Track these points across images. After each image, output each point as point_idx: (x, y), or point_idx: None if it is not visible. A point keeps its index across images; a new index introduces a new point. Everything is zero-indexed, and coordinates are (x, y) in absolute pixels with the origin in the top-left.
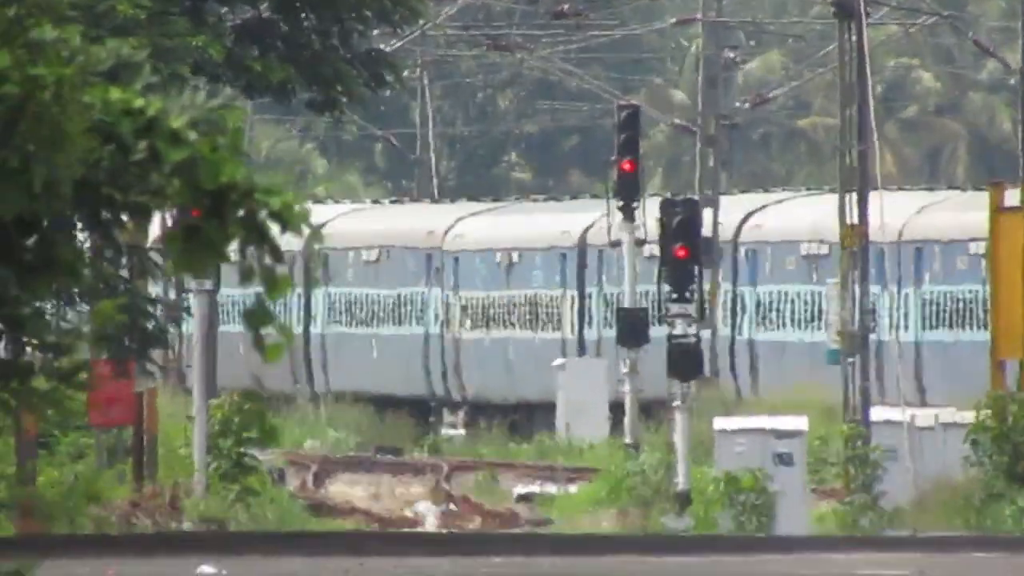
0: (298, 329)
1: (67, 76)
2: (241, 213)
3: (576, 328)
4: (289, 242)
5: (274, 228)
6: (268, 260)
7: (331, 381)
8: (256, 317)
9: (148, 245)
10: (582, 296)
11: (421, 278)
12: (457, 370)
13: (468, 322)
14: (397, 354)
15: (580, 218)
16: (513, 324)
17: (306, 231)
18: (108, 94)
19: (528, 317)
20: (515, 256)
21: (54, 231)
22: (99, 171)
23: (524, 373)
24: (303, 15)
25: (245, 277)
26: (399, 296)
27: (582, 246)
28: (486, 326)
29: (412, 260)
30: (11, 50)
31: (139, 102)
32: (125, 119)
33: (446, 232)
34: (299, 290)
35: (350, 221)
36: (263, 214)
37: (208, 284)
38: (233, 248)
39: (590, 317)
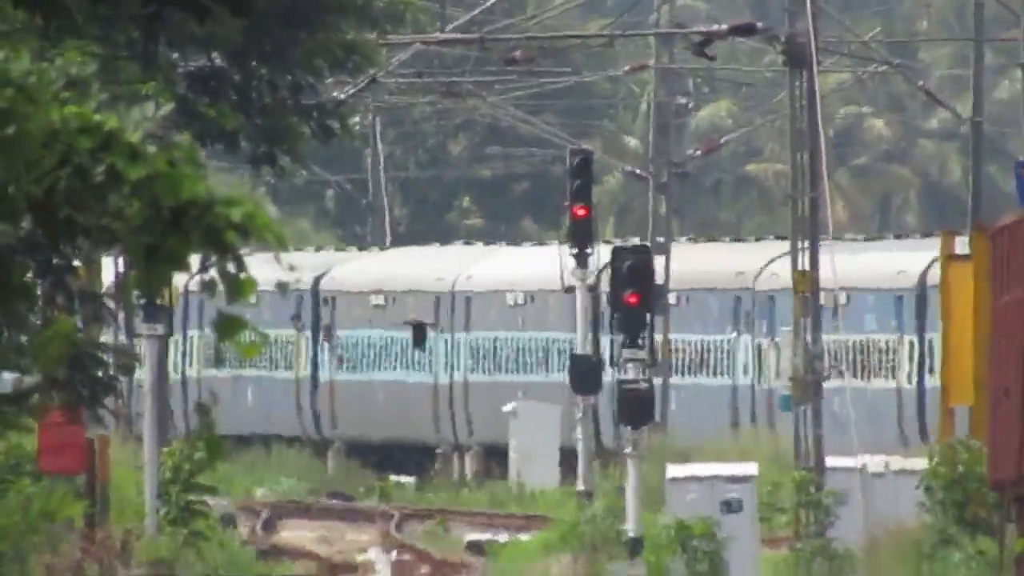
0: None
1: (23, 91)
2: (202, 227)
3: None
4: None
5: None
6: (231, 268)
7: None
8: (226, 326)
9: (101, 291)
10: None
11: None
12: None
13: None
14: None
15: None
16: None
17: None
18: (64, 112)
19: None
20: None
21: (10, 252)
22: (56, 193)
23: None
24: (255, 65)
25: (207, 288)
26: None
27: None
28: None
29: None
30: None
31: (95, 118)
32: (82, 137)
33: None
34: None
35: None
36: (225, 227)
37: (159, 329)
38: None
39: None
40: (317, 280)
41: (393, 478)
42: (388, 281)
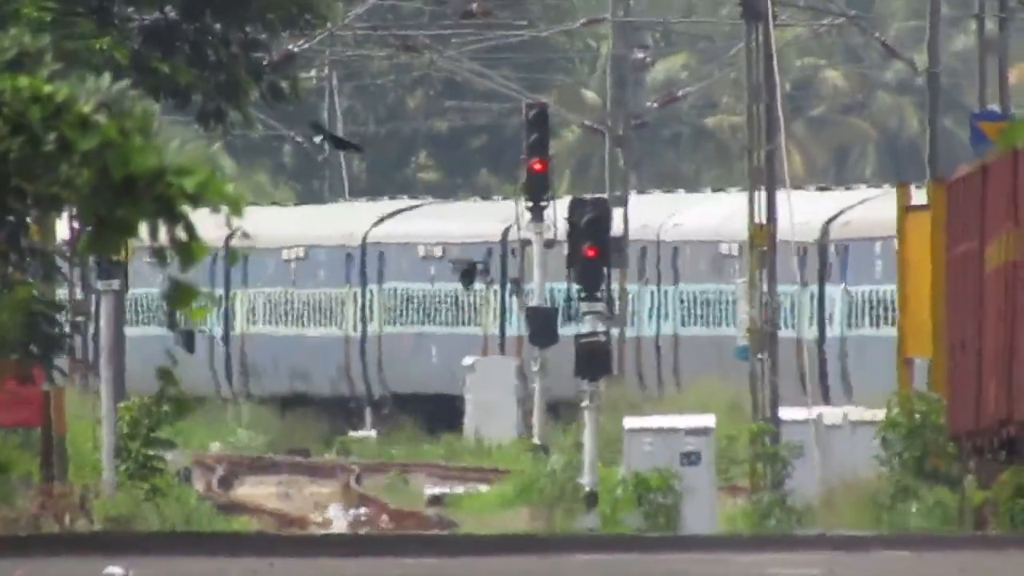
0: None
1: None
2: (153, 196)
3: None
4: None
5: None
6: (182, 235)
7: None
8: (177, 295)
9: (53, 248)
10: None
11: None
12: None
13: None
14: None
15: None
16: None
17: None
18: (16, 82)
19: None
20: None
21: None
22: (7, 163)
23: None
24: (208, 20)
25: (158, 256)
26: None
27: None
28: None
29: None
30: None
31: (47, 88)
32: (34, 106)
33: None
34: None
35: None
36: (177, 195)
37: (115, 284)
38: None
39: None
40: (506, 232)
41: (353, 433)
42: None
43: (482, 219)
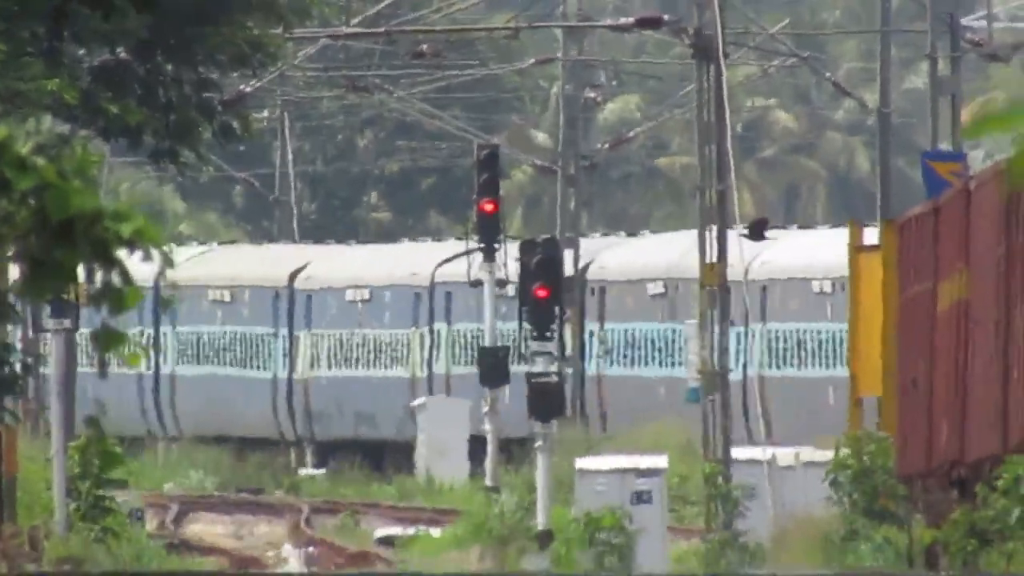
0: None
1: None
2: (90, 240)
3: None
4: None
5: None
6: (117, 281)
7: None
8: (106, 339)
9: (6, 287)
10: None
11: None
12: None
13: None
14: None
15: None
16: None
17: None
18: None
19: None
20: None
21: None
22: None
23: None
24: (160, 60)
25: (94, 300)
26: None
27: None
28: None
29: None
30: None
31: None
32: None
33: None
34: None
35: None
36: (113, 240)
37: (66, 324)
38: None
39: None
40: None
41: (303, 472)
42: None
43: None
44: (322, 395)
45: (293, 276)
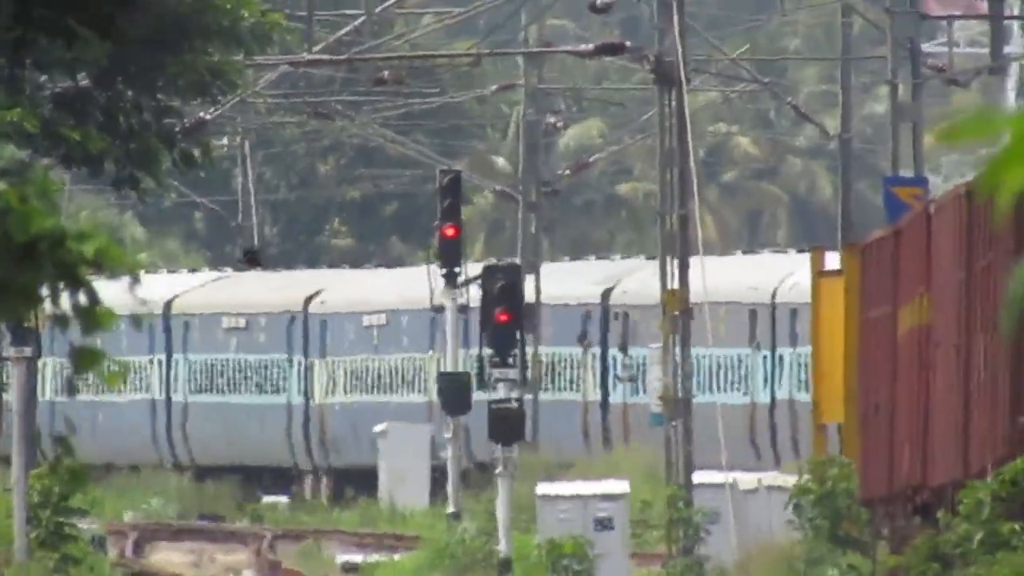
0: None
1: None
2: (53, 261)
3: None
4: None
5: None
6: (84, 301)
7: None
8: (81, 358)
9: None
10: None
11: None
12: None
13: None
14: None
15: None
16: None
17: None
18: None
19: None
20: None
21: None
22: None
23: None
24: (120, 87)
25: (59, 323)
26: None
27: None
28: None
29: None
30: None
31: None
32: None
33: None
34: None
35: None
36: (77, 261)
37: (27, 351)
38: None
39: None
40: (607, 293)
41: (266, 499)
42: None
43: (577, 281)
44: (336, 421)
45: (308, 301)
